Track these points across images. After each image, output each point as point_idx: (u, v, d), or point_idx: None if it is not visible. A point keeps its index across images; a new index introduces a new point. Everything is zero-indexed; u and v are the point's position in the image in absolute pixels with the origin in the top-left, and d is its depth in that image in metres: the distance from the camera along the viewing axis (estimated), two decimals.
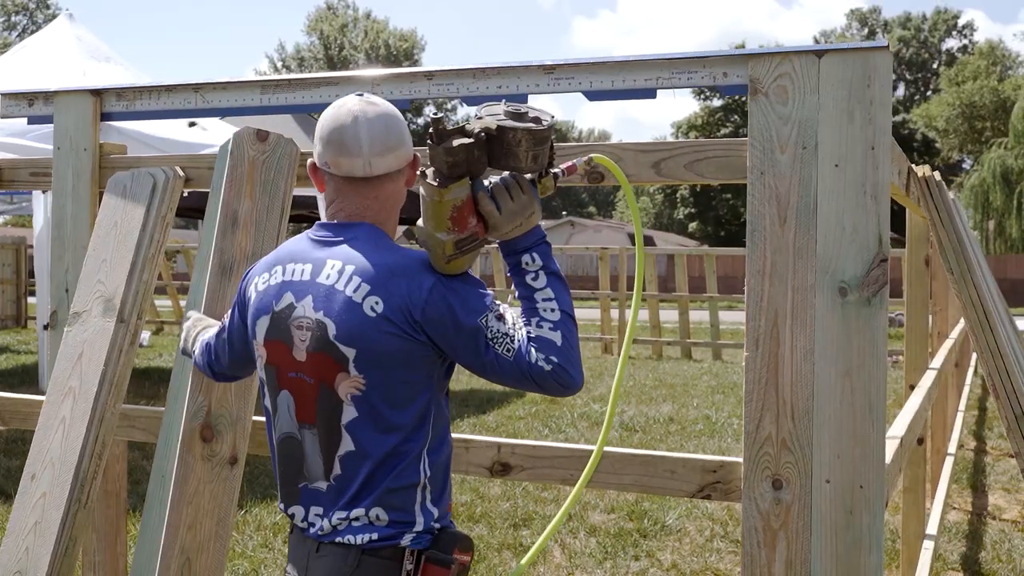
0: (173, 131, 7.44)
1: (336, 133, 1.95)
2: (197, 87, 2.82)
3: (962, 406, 8.47)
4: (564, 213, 58.82)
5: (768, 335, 2.17)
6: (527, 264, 1.92)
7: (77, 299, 2.75)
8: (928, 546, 4.21)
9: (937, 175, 2.76)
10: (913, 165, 2.93)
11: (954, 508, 6.30)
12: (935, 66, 59.26)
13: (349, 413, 1.88)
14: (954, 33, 60.49)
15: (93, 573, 3.05)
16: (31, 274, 18.59)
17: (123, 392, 2.67)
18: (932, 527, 4.63)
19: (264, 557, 5.00)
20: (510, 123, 1.88)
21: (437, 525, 1.91)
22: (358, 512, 1.86)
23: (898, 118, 49.13)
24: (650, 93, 2.39)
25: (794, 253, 2.15)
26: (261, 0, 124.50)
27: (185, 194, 2.88)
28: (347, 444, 1.89)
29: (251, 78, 2.75)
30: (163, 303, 20.07)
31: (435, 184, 1.87)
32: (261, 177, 2.53)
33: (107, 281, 2.72)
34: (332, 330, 1.87)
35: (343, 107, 1.97)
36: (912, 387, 3.97)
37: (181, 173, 2.82)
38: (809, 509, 2.15)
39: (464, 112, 56.86)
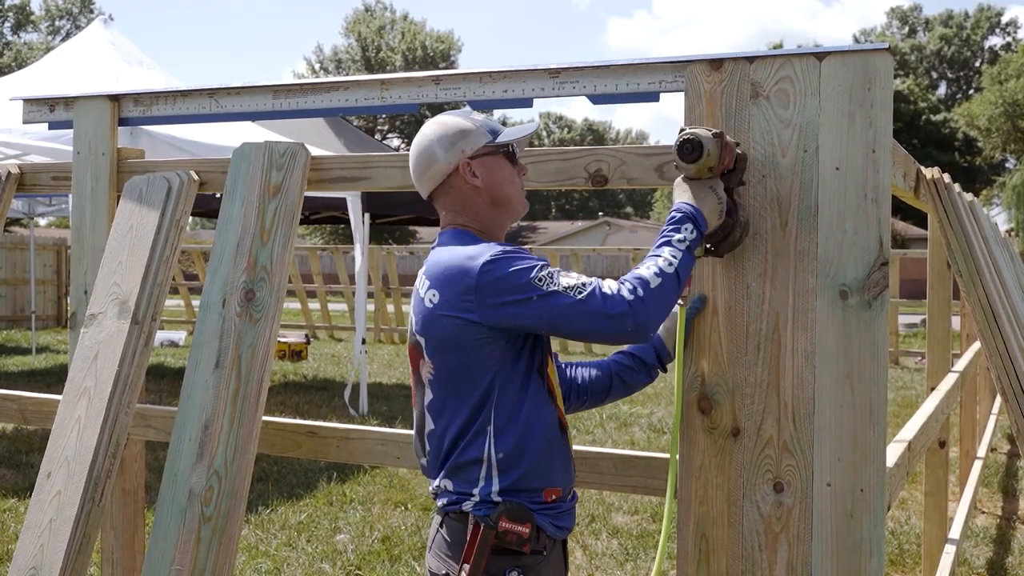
0: (201, 134, 7.53)
1: None
2: (211, 92, 2.87)
3: (995, 409, 8.36)
4: (601, 214, 58.73)
5: (769, 338, 2.18)
6: (685, 230, 2.04)
7: (93, 301, 2.80)
8: (949, 550, 4.17)
9: (947, 177, 2.74)
10: (938, 166, 2.91)
11: (983, 512, 6.23)
12: (977, 64, 58.45)
13: (428, 395, 2.14)
14: (997, 30, 59.65)
15: (111, 570, 3.11)
16: (70, 273, 18.90)
17: (137, 392, 2.72)
18: (956, 531, 4.58)
19: (287, 556, 5.06)
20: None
21: (498, 499, 2.04)
22: (437, 484, 2.12)
23: (939, 117, 48.51)
24: (654, 96, 2.40)
25: (795, 256, 2.15)
26: (299, 3, 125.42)
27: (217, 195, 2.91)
28: (429, 423, 2.14)
29: (263, 83, 2.79)
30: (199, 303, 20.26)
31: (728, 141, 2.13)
32: (722, 112, 2.24)
33: (123, 283, 2.77)
34: (414, 324, 2.14)
35: None
36: (934, 389, 3.94)
37: (196, 177, 2.87)
38: (810, 512, 2.14)
39: (500, 114, 56.84)
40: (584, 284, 1.96)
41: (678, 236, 2.03)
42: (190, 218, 2.90)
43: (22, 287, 19.40)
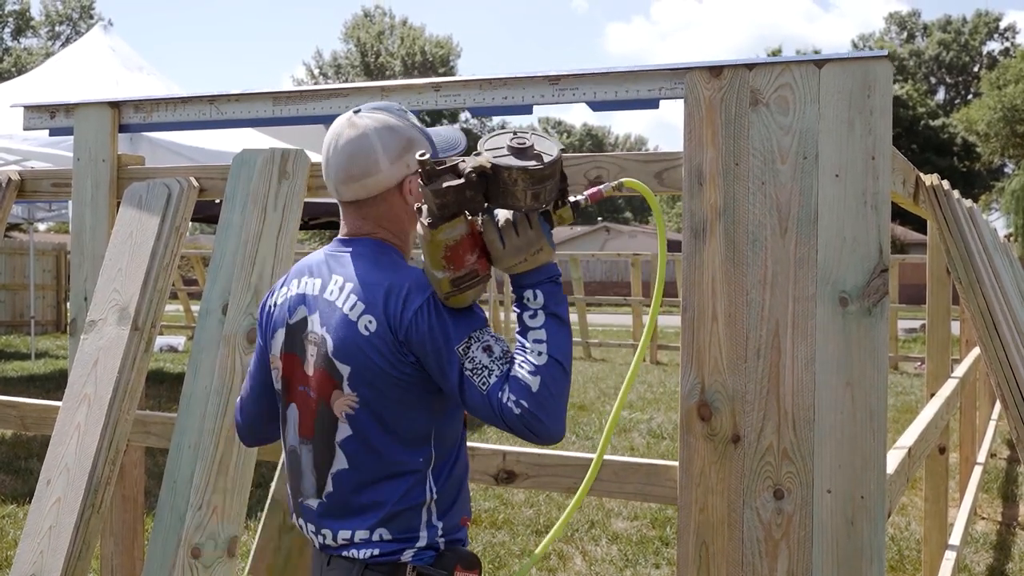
0: (201, 141, 7.54)
1: (322, 153, 1.97)
2: (211, 99, 2.87)
3: (995, 414, 8.36)
4: (600, 219, 58.72)
5: (769, 345, 2.17)
6: (528, 300, 1.83)
7: (93, 307, 2.80)
8: (949, 556, 4.16)
9: (946, 184, 2.74)
10: (937, 171, 2.92)
11: (983, 518, 6.23)
12: (976, 69, 58.46)
13: (343, 431, 1.88)
14: (995, 36, 59.63)
15: None
16: (70, 279, 18.91)
17: (137, 398, 2.72)
18: (956, 537, 4.58)
19: None
20: (506, 162, 1.78)
21: (443, 540, 1.90)
22: (362, 533, 1.87)
23: (938, 122, 48.55)
24: (653, 103, 2.41)
25: (795, 263, 2.15)
26: (299, 8, 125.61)
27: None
28: (340, 462, 1.89)
29: (263, 90, 2.79)
30: (198, 309, 20.25)
31: (426, 224, 1.80)
32: (722, 118, 2.22)
33: (122, 290, 2.77)
34: (330, 346, 1.87)
35: (333, 127, 1.96)
36: (934, 395, 3.94)
37: (196, 183, 2.87)
38: (811, 519, 2.14)
39: (499, 120, 56.95)
40: (490, 372, 1.77)
41: (527, 314, 1.82)
42: (189, 223, 2.90)
43: (21, 292, 19.39)
